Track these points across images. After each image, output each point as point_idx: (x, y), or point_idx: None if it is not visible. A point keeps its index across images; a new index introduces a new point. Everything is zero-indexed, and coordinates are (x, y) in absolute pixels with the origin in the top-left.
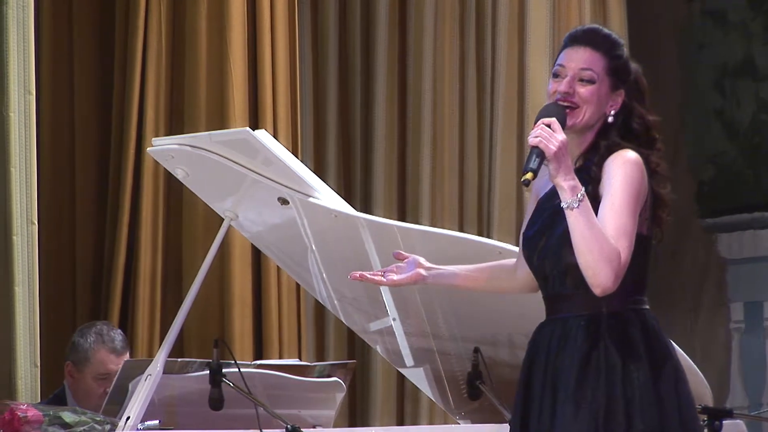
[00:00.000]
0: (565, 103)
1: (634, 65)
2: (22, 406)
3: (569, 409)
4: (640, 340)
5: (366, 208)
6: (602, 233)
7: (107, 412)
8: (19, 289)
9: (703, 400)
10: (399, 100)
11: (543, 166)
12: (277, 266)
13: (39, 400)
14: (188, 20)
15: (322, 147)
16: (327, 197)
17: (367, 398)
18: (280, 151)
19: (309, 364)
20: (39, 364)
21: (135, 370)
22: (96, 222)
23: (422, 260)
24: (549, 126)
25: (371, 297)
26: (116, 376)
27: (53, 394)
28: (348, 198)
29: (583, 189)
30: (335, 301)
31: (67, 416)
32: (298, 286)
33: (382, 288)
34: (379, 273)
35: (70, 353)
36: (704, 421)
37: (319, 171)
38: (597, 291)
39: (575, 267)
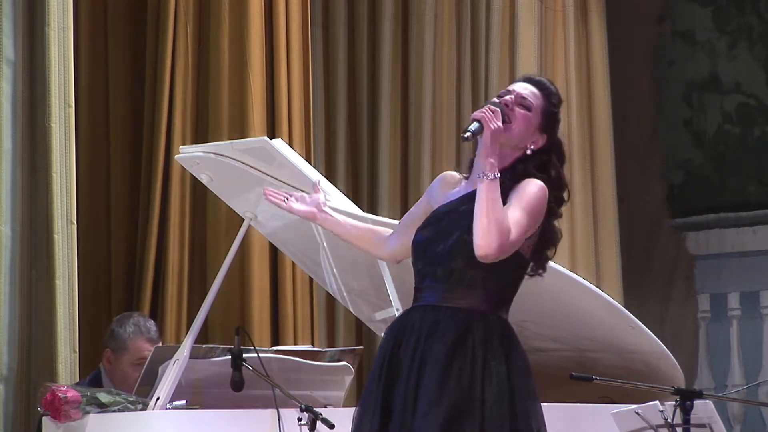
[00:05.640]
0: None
1: (561, 134)
2: (62, 388)
3: (435, 385)
4: (498, 340)
5: (372, 209)
6: (503, 210)
7: (139, 393)
8: (60, 282)
9: (675, 382)
10: (402, 113)
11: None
12: (292, 262)
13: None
14: (212, 40)
15: (332, 154)
16: (337, 200)
17: None
18: (294, 157)
19: (321, 350)
20: (78, 350)
21: (164, 355)
22: (129, 222)
23: (323, 203)
24: (494, 112)
25: (377, 290)
26: (147, 361)
27: (90, 376)
28: (356, 200)
29: (499, 174)
30: (344, 294)
31: (103, 397)
32: (311, 279)
33: (386, 281)
34: (284, 196)
35: (109, 341)
36: (677, 401)
37: (330, 176)
38: (479, 252)
39: (459, 270)
